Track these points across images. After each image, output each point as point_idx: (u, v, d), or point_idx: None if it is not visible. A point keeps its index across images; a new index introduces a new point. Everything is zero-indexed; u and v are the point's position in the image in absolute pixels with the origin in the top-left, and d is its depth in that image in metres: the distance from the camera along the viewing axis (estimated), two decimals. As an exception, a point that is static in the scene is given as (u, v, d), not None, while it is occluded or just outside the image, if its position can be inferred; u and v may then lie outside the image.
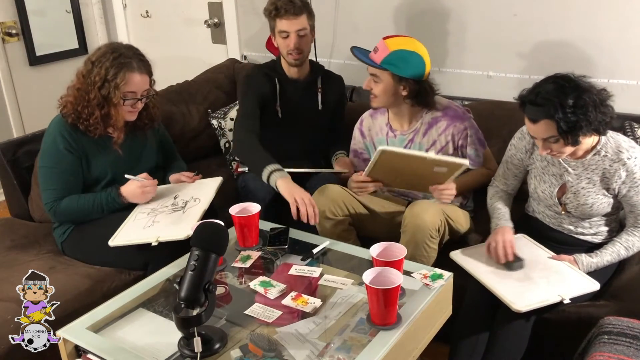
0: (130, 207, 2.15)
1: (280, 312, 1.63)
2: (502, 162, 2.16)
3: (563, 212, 2.00)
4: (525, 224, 2.14)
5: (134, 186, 2.12)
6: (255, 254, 1.92)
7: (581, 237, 2.03)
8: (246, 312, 1.64)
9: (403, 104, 2.22)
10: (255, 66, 2.68)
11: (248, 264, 1.88)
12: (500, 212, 2.09)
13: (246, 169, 2.62)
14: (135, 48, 2.17)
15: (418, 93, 2.16)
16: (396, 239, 2.21)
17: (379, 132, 2.37)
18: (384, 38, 2.16)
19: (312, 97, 2.59)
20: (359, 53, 2.21)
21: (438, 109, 2.26)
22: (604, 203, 1.93)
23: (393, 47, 2.11)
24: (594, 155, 1.90)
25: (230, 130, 2.94)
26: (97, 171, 2.17)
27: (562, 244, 2.02)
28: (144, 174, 2.16)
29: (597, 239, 2.02)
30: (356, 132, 2.46)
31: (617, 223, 2.05)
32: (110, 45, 2.14)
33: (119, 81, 2.04)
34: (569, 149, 1.84)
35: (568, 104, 1.73)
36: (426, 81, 2.17)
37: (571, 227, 2.03)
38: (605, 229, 2.02)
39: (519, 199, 2.25)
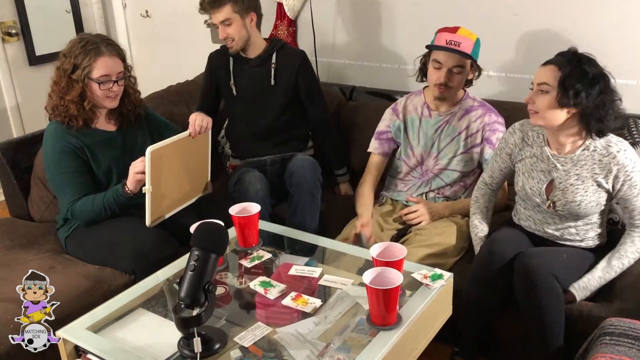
0: (138, 206, 2.12)
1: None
2: (492, 155, 2.19)
3: (551, 210, 1.98)
4: None
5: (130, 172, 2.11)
6: (266, 255, 1.92)
7: (568, 243, 2.02)
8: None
9: (460, 89, 2.34)
10: (212, 55, 2.77)
11: (254, 263, 1.88)
12: (478, 233, 2.16)
13: (238, 162, 2.72)
14: (103, 35, 2.20)
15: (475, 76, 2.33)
16: None
17: (413, 111, 2.42)
18: (446, 30, 2.23)
19: (266, 73, 2.62)
20: (445, 48, 2.23)
21: (476, 99, 2.37)
22: (592, 202, 1.92)
23: (472, 37, 2.23)
24: (583, 150, 1.90)
25: (222, 137, 2.96)
26: (104, 166, 2.17)
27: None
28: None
29: (584, 245, 2.01)
30: (387, 112, 2.50)
31: (603, 229, 2.04)
32: (79, 36, 2.17)
33: (86, 64, 2.07)
34: (550, 113, 1.84)
35: (584, 71, 1.78)
36: None
37: (557, 234, 2.02)
38: (592, 234, 2.00)
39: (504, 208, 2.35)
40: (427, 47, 2.28)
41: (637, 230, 1.92)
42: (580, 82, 1.78)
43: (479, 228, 2.17)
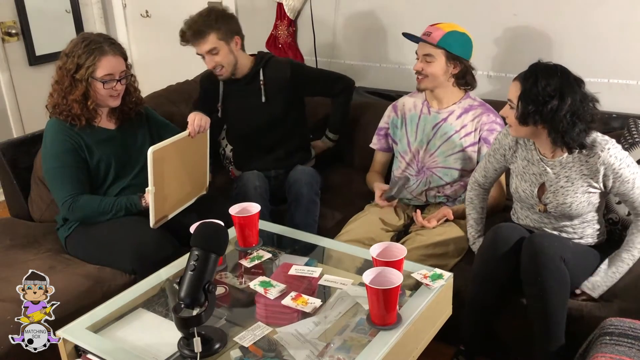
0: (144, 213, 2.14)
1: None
2: (485, 154, 2.18)
3: (544, 212, 1.99)
4: None
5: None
6: (266, 255, 1.92)
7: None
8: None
9: (447, 84, 2.33)
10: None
11: (254, 263, 1.88)
12: (473, 234, 2.19)
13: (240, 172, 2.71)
14: (105, 34, 2.21)
15: (466, 72, 2.32)
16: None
17: (413, 108, 2.45)
18: (432, 25, 2.29)
19: (256, 91, 2.58)
20: (412, 36, 2.31)
21: (476, 100, 2.38)
22: (583, 202, 1.92)
23: (447, 29, 2.25)
24: (570, 152, 1.90)
25: (223, 138, 2.96)
26: (102, 164, 2.17)
27: None
28: None
29: (583, 242, 2.01)
30: (387, 109, 2.55)
31: (602, 225, 2.03)
32: (81, 36, 2.17)
33: (89, 64, 2.07)
34: (519, 128, 1.89)
35: (536, 90, 1.79)
36: (470, 63, 2.33)
37: (555, 234, 2.02)
38: (590, 231, 2.00)
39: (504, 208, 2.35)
40: (402, 34, 2.34)
41: None
42: (533, 101, 1.81)
43: (475, 228, 2.19)
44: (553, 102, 1.79)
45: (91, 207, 2.12)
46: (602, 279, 1.92)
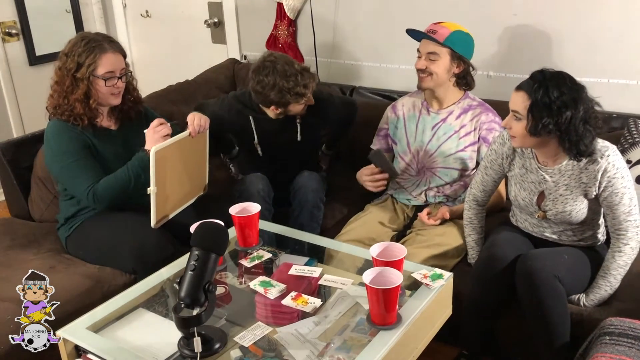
0: (140, 206, 2.12)
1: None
2: (481, 168, 2.13)
3: (543, 219, 1.99)
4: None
5: (148, 135, 2.09)
6: (266, 255, 1.92)
7: (567, 243, 2.02)
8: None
9: (448, 84, 2.31)
10: (228, 102, 2.52)
11: (254, 263, 1.88)
12: (472, 248, 2.19)
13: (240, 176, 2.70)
14: (102, 33, 2.22)
15: (467, 73, 2.32)
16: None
17: (412, 109, 2.45)
18: (436, 23, 2.29)
19: (291, 128, 2.49)
20: (418, 32, 2.30)
21: (475, 99, 2.38)
22: (583, 209, 1.91)
23: (452, 28, 2.25)
24: (570, 160, 1.88)
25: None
26: (105, 162, 2.17)
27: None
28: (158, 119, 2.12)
29: (583, 244, 2.01)
30: (387, 110, 2.54)
31: (602, 226, 2.03)
32: (80, 35, 2.17)
33: (90, 62, 2.07)
34: (527, 139, 1.84)
35: (551, 99, 1.75)
36: (471, 63, 2.32)
37: (555, 237, 2.02)
38: (590, 233, 2.00)
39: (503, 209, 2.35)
40: (406, 31, 2.32)
41: (618, 243, 1.89)
42: (547, 111, 1.75)
43: (475, 250, 2.18)
44: (568, 112, 1.74)
45: (112, 187, 2.09)
46: (582, 305, 1.93)
